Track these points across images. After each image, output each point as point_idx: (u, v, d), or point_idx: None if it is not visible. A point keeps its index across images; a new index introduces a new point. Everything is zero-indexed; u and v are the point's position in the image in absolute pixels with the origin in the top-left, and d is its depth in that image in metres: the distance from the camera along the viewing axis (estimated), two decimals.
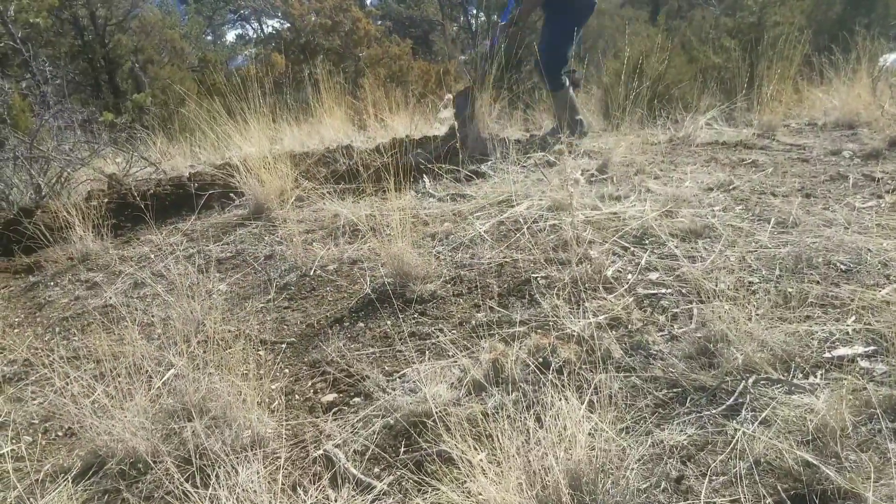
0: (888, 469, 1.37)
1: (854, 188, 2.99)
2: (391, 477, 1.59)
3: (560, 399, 1.45)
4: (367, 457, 1.66)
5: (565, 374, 1.74)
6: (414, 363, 1.94)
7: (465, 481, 1.38)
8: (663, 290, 2.15)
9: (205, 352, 1.92)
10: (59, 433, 1.97)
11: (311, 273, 2.69)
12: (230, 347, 1.96)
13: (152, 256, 3.15)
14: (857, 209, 2.68)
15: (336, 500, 1.54)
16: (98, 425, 1.76)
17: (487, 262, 2.49)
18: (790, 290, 2.02)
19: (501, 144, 3.87)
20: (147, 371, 1.94)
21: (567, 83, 4.34)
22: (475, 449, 1.42)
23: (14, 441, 1.92)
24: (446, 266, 2.52)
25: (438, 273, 2.46)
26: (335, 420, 1.82)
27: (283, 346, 2.25)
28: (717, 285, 2.05)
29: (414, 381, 1.86)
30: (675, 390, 1.71)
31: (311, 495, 1.55)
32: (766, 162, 3.58)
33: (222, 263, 2.96)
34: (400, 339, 2.10)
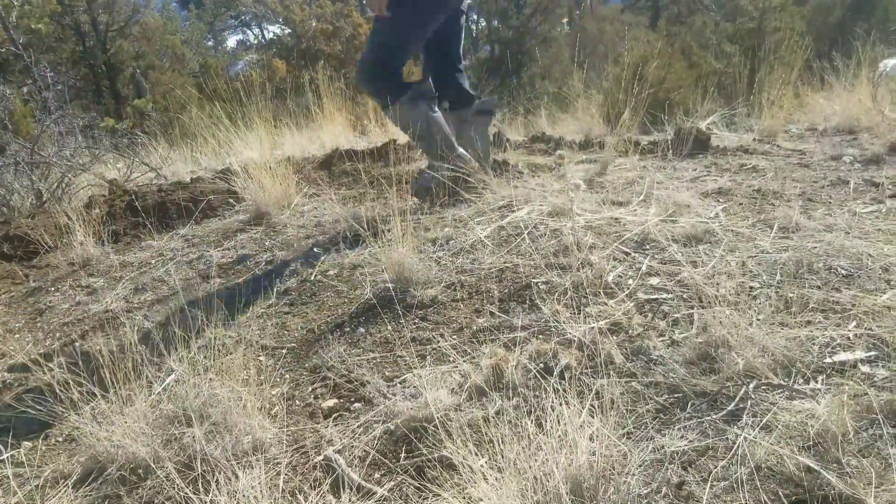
0: (889, 475, 1.36)
1: (855, 193, 2.99)
2: (392, 482, 1.59)
3: (561, 404, 1.45)
4: (367, 462, 1.66)
5: (566, 380, 1.74)
6: (415, 368, 1.93)
7: (466, 487, 1.37)
8: (664, 296, 2.15)
9: (205, 357, 1.92)
10: (59, 439, 1.97)
11: (312, 278, 2.69)
12: (230, 353, 1.96)
13: (153, 262, 3.15)
14: (858, 214, 2.68)
15: None
16: (98, 431, 1.76)
17: (488, 268, 2.49)
18: (791, 295, 2.02)
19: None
20: (147, 377, 1.94)
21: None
22: (476, 454, 1.42)
23: (14, 446, 1.92)
24: (447, 271, 2.51)
25: (439, 278, 2.46)
26: (336, 425, 1.81)
27: (284, 351, 2.25)
28: (717, 290, 2.05)
29: (415, 387, 1.86)
30: (675, 395, 1.71)
31: (311, 501, 1.54)
32: (766, 167, 3.58)
33: (223, 268, 2.96)
34: (401, 345, 2.10)
